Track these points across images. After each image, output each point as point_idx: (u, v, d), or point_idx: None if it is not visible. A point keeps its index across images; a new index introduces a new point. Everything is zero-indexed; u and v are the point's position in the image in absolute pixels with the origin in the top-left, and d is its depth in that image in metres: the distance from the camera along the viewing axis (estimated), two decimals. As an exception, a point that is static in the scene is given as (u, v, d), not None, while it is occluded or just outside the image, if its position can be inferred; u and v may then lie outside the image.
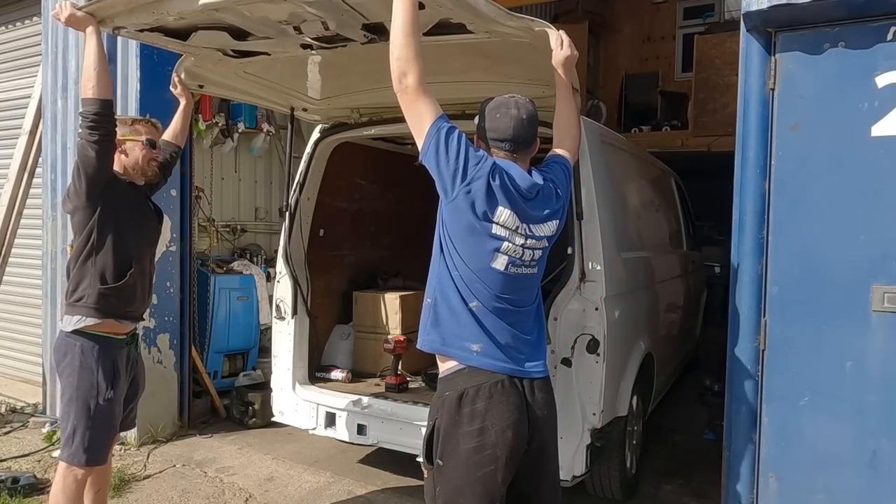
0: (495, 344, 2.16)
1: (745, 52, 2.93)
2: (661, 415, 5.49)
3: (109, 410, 2.94)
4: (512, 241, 2.14)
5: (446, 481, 2.16)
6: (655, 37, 10.36)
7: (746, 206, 2.95)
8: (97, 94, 2.77)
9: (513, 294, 2.20)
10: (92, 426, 2.89)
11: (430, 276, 2.27)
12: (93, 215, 2.87)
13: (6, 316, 6.41)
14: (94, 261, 2.90)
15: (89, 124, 2.76)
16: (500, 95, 2.29)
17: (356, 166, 4.97)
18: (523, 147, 2.24)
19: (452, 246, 2.17)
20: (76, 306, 2.92)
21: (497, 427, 2.10)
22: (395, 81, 2.13)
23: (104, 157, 2.83)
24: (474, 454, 2.10)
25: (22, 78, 6.18)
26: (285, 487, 4.24)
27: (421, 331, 2.26)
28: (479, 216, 2.11)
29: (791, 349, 2.87)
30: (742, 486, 2.98)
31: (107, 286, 2.91)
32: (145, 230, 3.14)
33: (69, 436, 2.90)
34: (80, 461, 2.89)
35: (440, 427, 2.17)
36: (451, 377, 2.19)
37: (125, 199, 2.99)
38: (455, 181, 2.10)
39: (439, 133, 2.12)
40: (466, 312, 2.16)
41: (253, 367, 5.79)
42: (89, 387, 2.89)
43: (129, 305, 3.00)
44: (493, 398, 2.12)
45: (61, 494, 2.93)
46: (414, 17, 2.12)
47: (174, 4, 2.54)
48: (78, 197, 2.87)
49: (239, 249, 6.35)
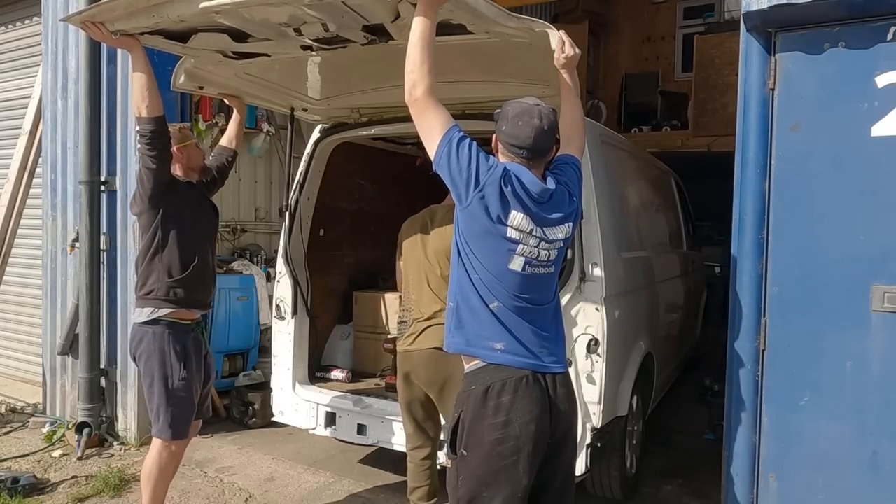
0: (518, 342, 2.22)
1: (745, 52, 2.93)
2: (661, 415, 5.49)
3: (186, 388, 3.24)
4: (526, 243, 2.19)
5: (469, 471, 2.22)
6: (655, 37, 10.35)
7: (746, 206, 2.95)
8: (151, 114, 3.05)
9: (531, 293, 2.25)
10: (172, 404, 3.20)
11: (451, 280, 2.34)
12: (156, 216, 3.18)
13: (6, 316, 6.41)
14: (161, 257, 3.20)
15: (147, 141, 3.06)
16: (523, 100, 2.32)
17: (356, 166, 4.97)
18: (540, 156, 2.29)
19: (470, 250, 2.23)
20: (147, 299, 3.21)
21: (521, 420, 2.17)
22: (406, 93, 2.23)
23: (163, 167, 3.15)
24: (498, 445, 2.17)
25: (22, 78, 6.18)
26: (285, 487, 4.24)
27: (446, 334, 2.34)
28: (494, 220, 2.17)
29: (791, 349, 2.87)
30: (742, 486, 2.98)
31: (173, 279, 3.20)
32: (204, 225, 3.44)
33: (155, 414, 3.24)
34: (167, 436, 3.23)
35: (465, 419, 2.23)
36: (477, 372, 2.26)
37: (185, 199, 3.30)
38: (469, 188, 2.17)
39: (451, 143, 2.18)
40: (488, 313, 2.22)
41: (253, 367, 5.79)
42: (164, 368, 3.18)
43: (195, 294, 3.30)
44: (518, 392, 2.18)
45: (154, 466, 3.27)
46: (431, 35, 2.23)
47: (174, 8, 2.53)
48: (143, 201, 3.18)
49: (239, 249, 6.35)
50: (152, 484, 3.29)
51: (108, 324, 5.03)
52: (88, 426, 4.80)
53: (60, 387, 5.34)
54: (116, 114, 4.98)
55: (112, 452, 4.78)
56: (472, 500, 2.22)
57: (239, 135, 3.80)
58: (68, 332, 5.13)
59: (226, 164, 3.69)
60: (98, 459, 4.65)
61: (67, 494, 4.06)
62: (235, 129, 3.78)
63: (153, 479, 3.28)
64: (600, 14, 10.30)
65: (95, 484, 4.16)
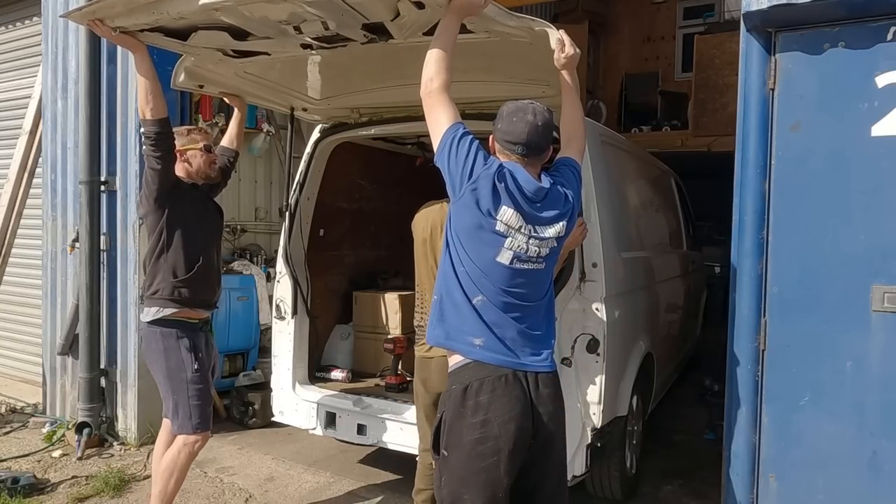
0: (498, 338, 2.23)
1: (745, 52, 2.93)
2: (661, 415, 5.49)
3: (202, 381, 3.29)
4: (515, 237, 2.21)
5: (451, 471, 2.24)
6: (655, 37, 10.36)
7: (746, 206, 2.94)
8: (155, 115, 3.08)
9: (519, 288, 2.26)
10: (190, 396, 3.24)
11: (438, 274, 2.37)
12: (162, 217, 3.22)
13: (6, 316, 6.41)
14: (167, 257, 3.25)
15: (152, 143, 3.10)
16: (519, 100, 2.37)
17: (356, 166, 4.97)
18: (535, 152, 2.30)
19: (459, 243, 2.25)
20: (153, 299, 3.26)
21: (499, 419, 2.17)
22: (422, 86, 2.29)
23: (168, 168, 3.20)
24: (477, 445, 2.17)
25: (22, 78, 6.18)
26: (285, 487, 4.24)
27: (428, 326, 2.36)
28: (484, 213, 2.19)
29: (791, 349, 2.87)
30: (742, 486, 2.97)
31: (179, 279, 3.25)
32: (209, 226, 3.48)
33: (173, 411, 3.27)
34: (188, 429, 3.26)
35: (446, 419, 2.25)
36: (458, 371, 2.27)
37: (189, 201, 3.33)
38: (463, 180, 2.21)
39: (454, 137, 2.24)
40: (469, 308, 2.24)
41: (253, 367, 5.79)
42: (178, 363, 3.23)
43: (201, 294, 3.34)
44: (497, 391, 2.19)
45: (170, 461, 3.29)
46: (453, 42, 2.33)
47: (174, 5, 2.53)
48: (148, 202, 3.22)
49: (239, 249, 6.35)
50: (165, 479, 3.29)
51: (108, 324, 5.02)
52: (88, 426, 4.80)
53: (60, 387, 5.34)
54: (116, 114, 4.98)
55: (112, 452, 4.78)
56: (455, 501, 2.23)
57: (240, 135, 3.81)
58: (68, 332, 5.13)
59: (227, 165, 3.71)
60: (98, 459, 4.65)
61: (67, 494, 4.06)
62: (236, 129, 3.79)
63: (168, 474, 3.29)
64: (600, 14, 10.31)
65: (95, 484, 4.16)
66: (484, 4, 2.33)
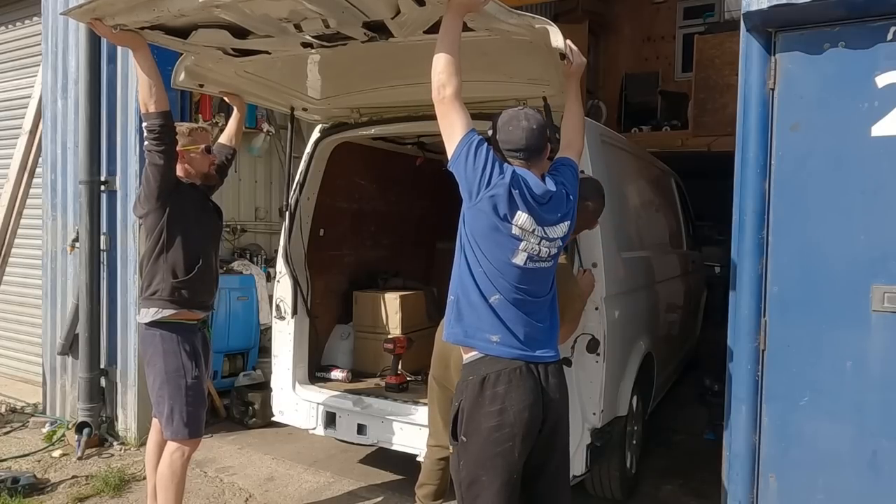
0: (513, 334, 2.36)
1: (745, 52, 2.93)
2: (661, 415, 5.49)
3: (199, 386, 3.27)
4: (528, 240, 2.35)
5: (469, 456, 2.39)
6: (655, 37, 10.35)
7: (746, 206, 2.95)
8: (158, 108, 3.05)
9: (530, 285, 2.40)
10: (187, 402, 3.20)
11: (453, 275, 2.47)
12: (162, 217, 3.17)
13: (6, 316, 6.41)
14: (166, 258, 3.20)
15: (155, 137, 3.05)
16: (509, 109, 2.50)
17: (356, 166, 4.96)
18: (536, 155, 2.45)
19: (476, 245, 2.37)
20: (152, 300, 3.22)
21: (515, 408, 2.32)
22: (434, 91, 2.36)
23: (170, 164, 3.15)
24: (494, 432, 2.33)
25: (22, 78, 6.17)
26: (285, 487, 4.24)
27: (446, 325, 2.49)
28: (501, 218, 2.32)
29: (791, 349, 2.87)
30: (742, 486, 2.97)
31: (178, 280, 3.21)
32: (208, 227, 3.45)
33: (168, 416, 3.21)
34: (183, 435, 3.21)
35: (464, 408, 2.39)
36: (474, 363, 2.40)
37: (189, 201, 3.30)
38: (480, 187, 2.32)
39: (470, 144, 2.33)
40: (486, 307, 2.37)
41: (253, 367, 5.79)
42: (177, 368, 3.20)
43: (199, 296, 3.31)
44: (512, 382, 2.34)
45: (167, 469, 3.24)
46: (458, 41, 2.37)
47: (174, 2, 2.52)
48: (149, 201, 3.17)
49: (239, 249, 6.34)
50: (169, 489, 3.24)
51: (108, 324, 5.02)
52: (88, 426, 4.80)
53: (60, 387, 5.34)
54: (116, 114, 4.98)
55: (112, 452, 4.78)
56: (473, 483, 2.38)
57: (238, 133, 3.79)
58: (68, 332, 5.13)
59: (225, 163, 3.67)
60: (98, 459, 4.65)
61: (67, 494, 4.06)
62: (235, 127, 3.77)
63: (170, 484, 3.23)
64: (600, 14, 10.30)
65: (95, 484, 4.16)
66: (485, 1, 2.36)
